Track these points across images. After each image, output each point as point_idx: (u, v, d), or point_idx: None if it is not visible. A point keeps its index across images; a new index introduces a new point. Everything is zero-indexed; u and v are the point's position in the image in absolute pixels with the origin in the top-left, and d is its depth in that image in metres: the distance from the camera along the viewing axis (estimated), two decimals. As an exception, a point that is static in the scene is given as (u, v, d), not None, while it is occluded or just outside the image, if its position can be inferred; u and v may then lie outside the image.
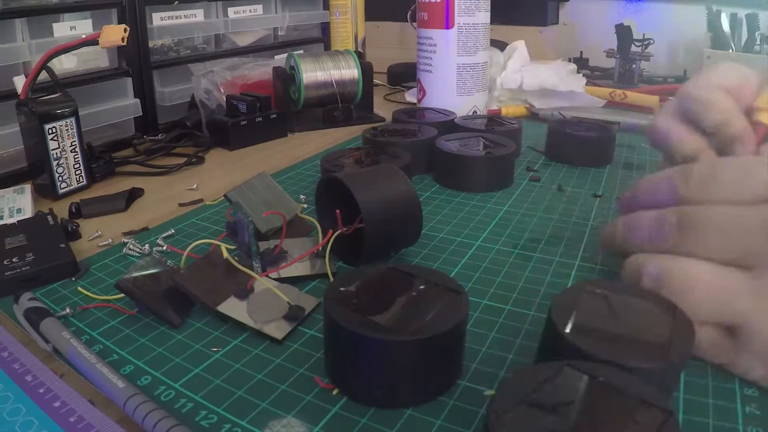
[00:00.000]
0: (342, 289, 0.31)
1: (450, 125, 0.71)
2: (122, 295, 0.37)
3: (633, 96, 0.91)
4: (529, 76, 0.88)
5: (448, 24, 0.77)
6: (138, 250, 0.46)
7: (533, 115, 0.87)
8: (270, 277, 0.39)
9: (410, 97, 1.02)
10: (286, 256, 0.42)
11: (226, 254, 0.35)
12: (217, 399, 0.30)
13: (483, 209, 0.53)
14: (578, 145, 0.65)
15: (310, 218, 0.45)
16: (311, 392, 0.30)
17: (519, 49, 0.92)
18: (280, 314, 0.35)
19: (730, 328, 0.30)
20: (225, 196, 0.44)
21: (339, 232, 0.40)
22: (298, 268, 0.41)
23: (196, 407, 0.29)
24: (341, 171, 0.52)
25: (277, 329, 0.34)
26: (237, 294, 0.37)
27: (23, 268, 0.40)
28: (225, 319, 0.36)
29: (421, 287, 0.32)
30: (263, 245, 0.42)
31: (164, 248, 0.46)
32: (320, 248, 0.42)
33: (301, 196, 0.57)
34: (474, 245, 0.46)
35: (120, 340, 0.34)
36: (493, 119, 0.73)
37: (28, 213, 0.51)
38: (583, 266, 0.43)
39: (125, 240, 0.47)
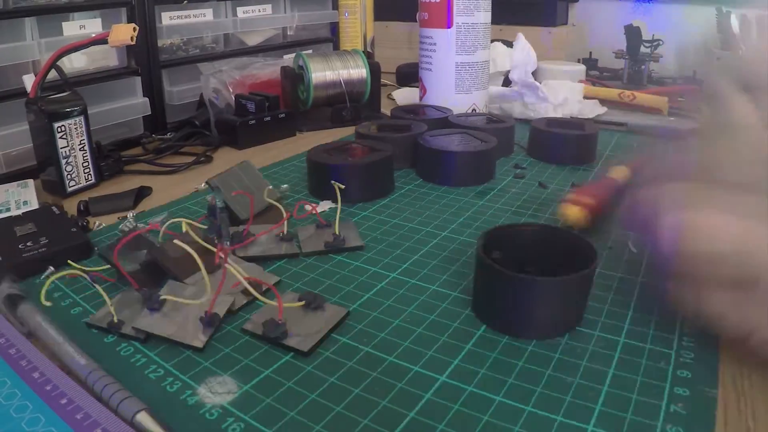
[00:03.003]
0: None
1: (443, 122, 0.72)
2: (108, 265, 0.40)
3: (642, 97, 0.91)
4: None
5: (448, 23, 0.78)
6: (129, 226, 0.49)
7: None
8: (237, 256, 0.42)
9: (396, 95, 1.05)
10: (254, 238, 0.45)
11: (186, 228, 0.38)
12: (168, 356, 0.33)
13: (459, 202, 0.55)
14: (559, 142, 0.66)
15: (279, 206, 0.48)
16: (250, 356, 0.33)
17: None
18: (239, 289, 0.38)
19: (745, 284, 0.30)
20: (207, 181, 0.47)
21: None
22: (266, 249, 0.44)
23: (148, 362, 0.32)
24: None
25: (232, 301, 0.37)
26: (207, 270, 0.40)
27: (40, 250, 0.43)
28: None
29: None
30: (234, 229, 0.46)
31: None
32: (285, 232, 0.44)
33: (283, 186, 0.59)
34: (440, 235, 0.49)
35: (98, 304, 0.38)
36: (489, 117, 0.75)
37: (34, 205, 0.53)
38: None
39: (127, 215, 0.51)
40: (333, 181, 0.48)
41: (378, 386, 0.31)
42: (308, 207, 0.50)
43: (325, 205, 0.54)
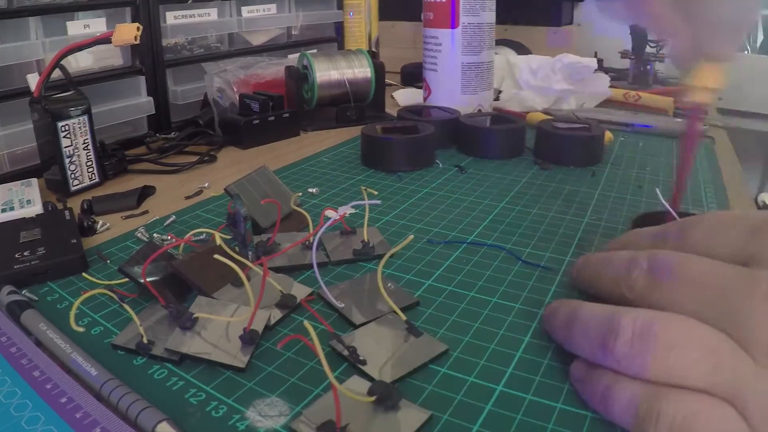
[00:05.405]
0: None
1: (453, 123, 0.72)
2: (125, 279, 0.38)
3: (647, 97, 0.91)
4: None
5: (453, 23, 0.77)
6: (146, 237, 0.48)
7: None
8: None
9: (398, 95, 1.04)
10: (278, 248, 0.43)
11: (219, 241, 0.36)
12: (207, 378, 0.31)
13: (482, 204, 0.54)
14: (565, 143, 0.66)
15: (305, 213, 0.46)
16: (296, 374, 0.31)
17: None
18: (273, 302, 0.37)
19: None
20: (225, 189, 0.46)
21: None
22: (291, 259, 0.42)
23: (187, 385, 0.30)
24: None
25: (268, 317, 0.35)
26: (233, 282, 0.38)
27: (32, 262, 0.41)
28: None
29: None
30: (258, 237, 0.44)
31: (168, 238, 0.47)
32: (310, 240, 0.43)
33: (310, 189, 0.59)
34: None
35: (120, 323, 0.36)
36: (497, 117, 0.74)
37: (37, 204, 0.52)
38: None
39: (137, 228, 0.49)
40: (362, 187, 0.46)
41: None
42: (332, 213, 0.48)
43: (345, 210, 0.52)
